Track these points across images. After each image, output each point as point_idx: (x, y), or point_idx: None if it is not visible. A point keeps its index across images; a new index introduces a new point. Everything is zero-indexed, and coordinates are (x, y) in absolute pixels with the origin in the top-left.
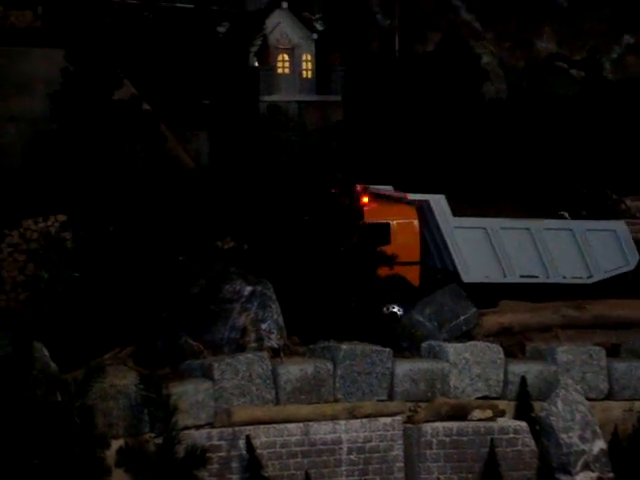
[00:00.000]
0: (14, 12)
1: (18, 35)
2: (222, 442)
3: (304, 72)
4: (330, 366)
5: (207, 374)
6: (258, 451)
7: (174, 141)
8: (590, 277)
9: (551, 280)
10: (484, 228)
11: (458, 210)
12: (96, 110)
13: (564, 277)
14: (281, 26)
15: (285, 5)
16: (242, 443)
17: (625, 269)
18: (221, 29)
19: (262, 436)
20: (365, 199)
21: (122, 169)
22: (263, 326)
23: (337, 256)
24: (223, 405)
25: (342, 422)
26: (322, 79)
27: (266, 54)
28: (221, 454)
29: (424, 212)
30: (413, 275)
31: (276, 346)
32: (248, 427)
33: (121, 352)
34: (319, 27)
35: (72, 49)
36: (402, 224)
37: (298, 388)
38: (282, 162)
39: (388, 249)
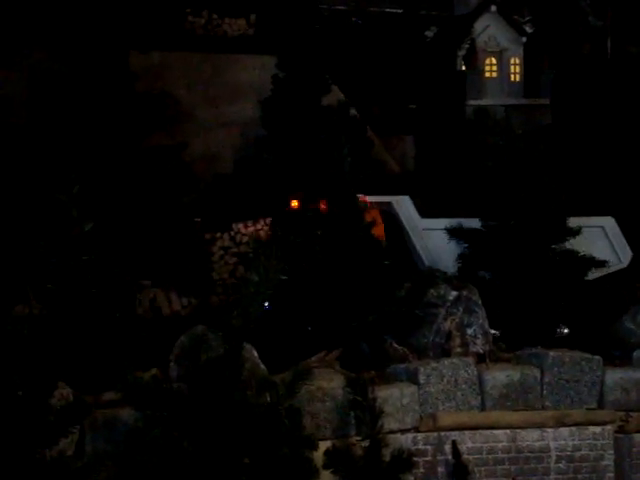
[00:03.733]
0: (227, 20)
1: (231, 43)
2: (428, 447)
3: (512, 75)
4: (537, 373)
5: (412, 378)
6: (464, 456)
7: (380, 146)
8: None
9: None
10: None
11: None
12: (305, 116)
13: None
14: (490, 29)
15: (494, 8)
16: (448, 448)
17: (617, 267)
18: (429, 33)
19: (468, 442)
20: (323, 205)
21: (329, 174)
22: (469, 331)
23: (545, 260)
24: (428, 410)
25: (550, 430)
26: (530, 82)
27: (474, 58)
28: (427, 459)
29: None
30: None
31: (481, 352)
32: (454, 432)
33: (328, 355)
34: (528, 30)
35: (283, 56)
36: None
37: (504, 394)
38: (488, 167)
39: None
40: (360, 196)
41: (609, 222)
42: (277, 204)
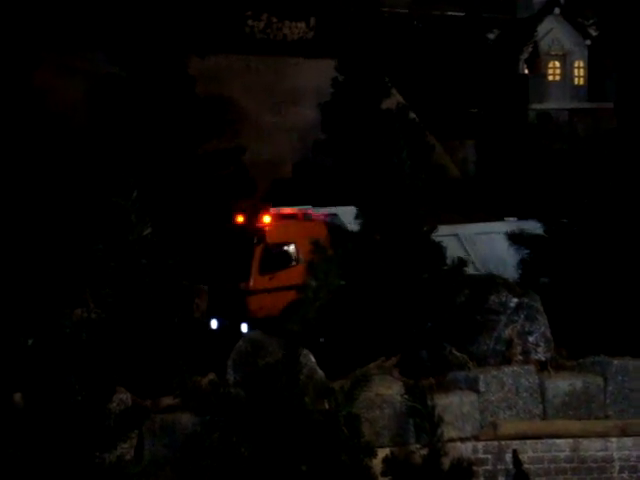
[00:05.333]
0: (287, 23)
1: (290, 46)
2: (488, 455)
3: (576, 79)
4: (601, 381)
5: (472, 386)
6: (525, 466)
7: (441, 150)
8: None
9: None
10: None
11: None
12: (364, 119)
13: None
14: (553, 32)
15: (557, 11)
16: (509, 457)
17: None
18: (491, 36)
19: (529, 451)
20: (266, 219)
21: (388, 178)
22: (530, 339)
23: (609, 267)
24: (488, 418)
25: (613, 439)
26: (595, 86)
27: (537, 61)
28: (487, 468)
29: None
30: None
31: (543, 359)
32: (515, 441)
33: (386, 362)
34: (593, 33)
35: (343, 59)
36: (310, 242)
37: (567, 403)
38: (551, 172)
39: (298, 269)
40: (303, 209)
41: None
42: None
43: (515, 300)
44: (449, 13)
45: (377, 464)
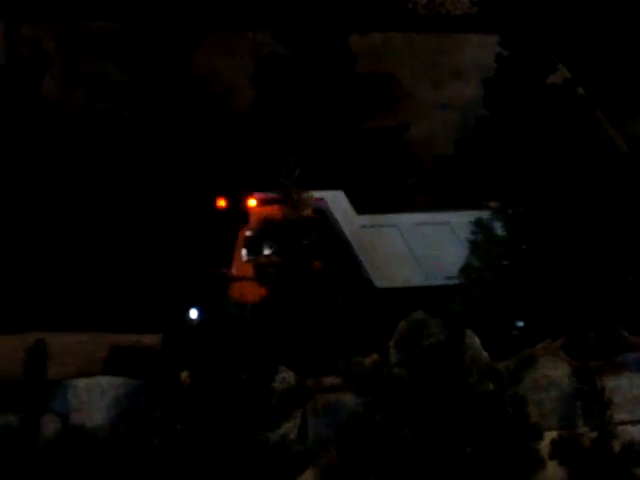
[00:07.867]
0: None
1: (453, 22)
2: None
3: None
4: None
5: None
6: None
7: (609, 126)
8: None
9: None
10: (395, 225)
11: None
12: (529, 95)
13: None
14: None
15: None
16: None
17: None
18: None
19: None
20: (251, 203)
21: (554, 155)
22: None
23: None
24: None
25: None
26: None
27: None
28: None
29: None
30: None
31: None
32: None
33: (553, 343)
34: None
35: (507, 34)
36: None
37: None
38: None
39: None
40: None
41: None
42: (501, 187)
43: None
44: None
45: (544, 447)
